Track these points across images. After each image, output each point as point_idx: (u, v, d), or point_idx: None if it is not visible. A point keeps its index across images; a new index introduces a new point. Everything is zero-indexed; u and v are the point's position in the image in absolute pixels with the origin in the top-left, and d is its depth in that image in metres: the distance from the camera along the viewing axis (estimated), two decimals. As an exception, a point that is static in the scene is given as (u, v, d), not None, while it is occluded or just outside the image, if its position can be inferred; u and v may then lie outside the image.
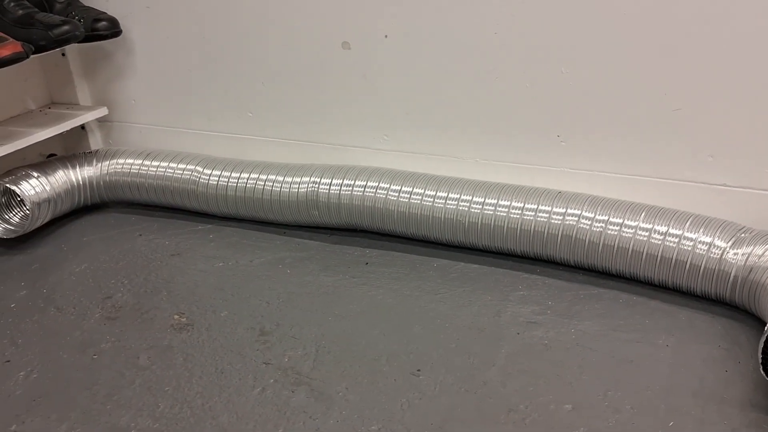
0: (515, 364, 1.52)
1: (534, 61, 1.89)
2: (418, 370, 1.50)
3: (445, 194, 1.90)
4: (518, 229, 1.83)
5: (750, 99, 1.71)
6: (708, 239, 1.63)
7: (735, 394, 1.40)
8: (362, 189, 1.98)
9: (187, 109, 2.41)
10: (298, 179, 2.05)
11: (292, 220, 2.11)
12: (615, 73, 1.82)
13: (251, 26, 2.19)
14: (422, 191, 1.93)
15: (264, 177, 2.09)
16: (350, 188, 1.99)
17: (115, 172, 2.26)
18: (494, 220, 1.85)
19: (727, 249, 1.60)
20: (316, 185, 2.02)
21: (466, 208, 1.88)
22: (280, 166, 2.11)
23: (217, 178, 2.14)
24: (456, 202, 1.89)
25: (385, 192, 1.95)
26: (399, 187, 1.95)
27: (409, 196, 1.94)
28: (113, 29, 2.28)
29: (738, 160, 1.78)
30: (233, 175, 2.12)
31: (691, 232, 1.65)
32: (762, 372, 1.35)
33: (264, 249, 2.04)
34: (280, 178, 2.07)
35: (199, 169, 2.17)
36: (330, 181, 2.01)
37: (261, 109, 2.29)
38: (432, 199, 1.91)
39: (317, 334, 1.64)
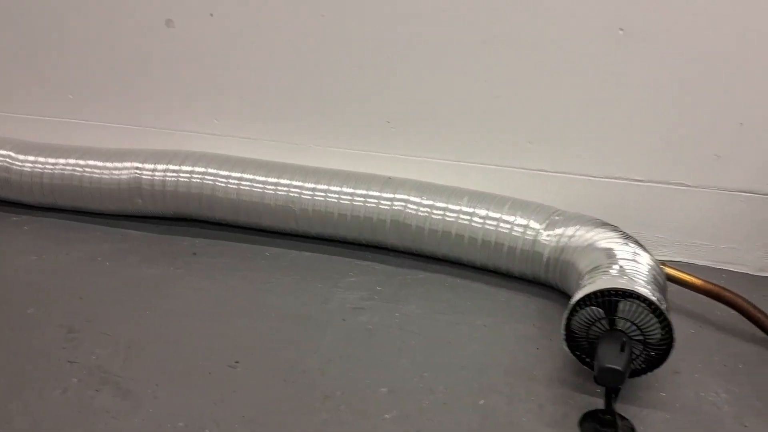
0: (337, 350, 1.50)
1: (361, 46, 1.87)
2: (237, 362, 1.45)
3: (276, 180, 1.86)
4: (348, 215, 1.81)
5: (565, 87, 1.78)
6: (524, 222, 1.68)
7: (544, 371, 1.45)
8: (189, 175, 1.89)
9: (2, 92, 2.22)
10: (119, 165, 1.93)
11: (115, 210, 1.99)
12: (439, 61, 1.84)
13: (69, 3, 2.04)
14: (252, 177, 1.87)
15: (83, 163, 1.95)
16: (176, 174, 1.89)
17: None
18: (325, 207, 1.83)
19: (541, 231, 1.66)
20: (140, 171, 1.91)
21: (297, 195, 1.84)
22: (101, 152, 1.98)
23: (32, 165, 1.98)
24: (287, 188, 1.85)
25: (213, 178, 1.88)
26: (228, 173, 1.88)
27: (238, 182, 1.87)
28: None
29: (554, 146, 1.85)
30: (50, 161, 1.97)
31: (509, 216, 1.69)
32: (566, 347, 1.41)
33: (82, 241, 1.91)
34: (101, 164, 1.94)
35: (13, 154, 2.00)
36: (154, 166, 1.90)
37: (83, 91, 2.15)
38: (262, 186, 1.86)
39: (132, 330, 1.55)
